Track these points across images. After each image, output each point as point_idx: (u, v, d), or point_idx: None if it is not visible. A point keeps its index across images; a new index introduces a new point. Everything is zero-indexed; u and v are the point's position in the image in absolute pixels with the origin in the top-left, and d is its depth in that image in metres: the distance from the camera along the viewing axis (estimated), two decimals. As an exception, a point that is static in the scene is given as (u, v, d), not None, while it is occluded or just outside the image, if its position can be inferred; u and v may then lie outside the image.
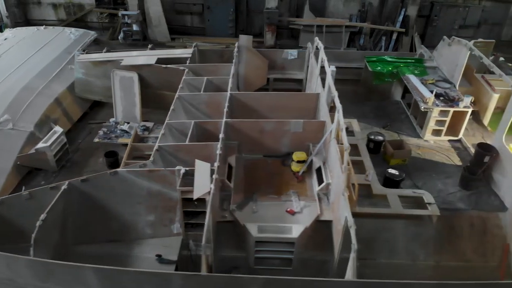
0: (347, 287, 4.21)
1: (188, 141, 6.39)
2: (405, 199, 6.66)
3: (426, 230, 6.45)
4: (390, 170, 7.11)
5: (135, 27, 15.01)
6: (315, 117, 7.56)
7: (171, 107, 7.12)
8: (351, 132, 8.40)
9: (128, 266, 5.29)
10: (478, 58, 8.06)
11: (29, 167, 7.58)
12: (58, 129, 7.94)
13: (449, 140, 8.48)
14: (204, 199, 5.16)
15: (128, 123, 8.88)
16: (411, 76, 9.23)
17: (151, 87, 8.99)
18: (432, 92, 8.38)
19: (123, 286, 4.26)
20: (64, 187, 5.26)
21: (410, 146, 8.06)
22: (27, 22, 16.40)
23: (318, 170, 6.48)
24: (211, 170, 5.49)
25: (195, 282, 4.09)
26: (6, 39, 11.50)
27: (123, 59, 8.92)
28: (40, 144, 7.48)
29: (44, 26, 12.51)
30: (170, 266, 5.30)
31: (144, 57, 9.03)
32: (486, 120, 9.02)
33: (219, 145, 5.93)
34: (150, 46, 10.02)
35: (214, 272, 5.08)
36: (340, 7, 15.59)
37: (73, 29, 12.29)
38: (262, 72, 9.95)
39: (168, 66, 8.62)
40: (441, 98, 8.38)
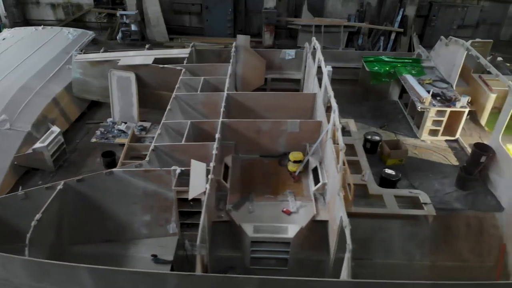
0: (341, 287, 4.22)
1: (184, 141, 6.38)
2: (401, 199, 6.66)
3: (422, 230, 6.45)
4: (386, 170, 7.11)
5: (134, 27, 15.03)
6: (312, 117, 7.55)
7: (167, 107, 7.12)
8: (348, 132, 8.40)
9: (124, 266, 5.29)
10: (475, 58, 8.06)
11: (26, 167, 7.58)
12: (56, 129, 7.94)
13: (446, 140, 8.46)
14: (200, 199, 5.16)
15: (126, 123, 8.87)
16: (408, 76, 9.22)
17: (149, 87, 8.99)
18: (429, 92, 8.37)
19: (118, 286, 4.27)
20: (59, 187, 5.27)
21: (407, 146, 8.05)
22: (25, 22, 16.40)
23: (315, 170, 6.48)
24: (207, 170, 5.49)
25: (189, 282, 4.10)
26: (4, 39, 11.48)
27: (120, 59, 8.93)
28: (37, 144, 7.48)
29: (42, 26, 12.48)
30: (166, 266, 5.30)
31: (141, 57, 9.03)
32: (484, 120, 9.01)
33: (215, 145, 5.92)
34: (147, 46, 10.02)
35: (210, 272, 5.09)
36: (338, 7, 15.59)
37: (71, 29, 12.26)
38: (260, 72, 9.94)
39: (165, 66, 8.61)
40: (438, 98, 8.38)
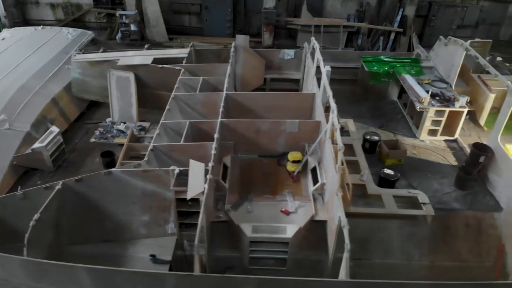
0: (340, 287, 4.22)
1: (183, 141, 6.38)
2: (400, 199, 6.66)
3: (421, 230, 6.45)
4: (385, 170, 7.12)
5: (133, 27, 15.02)
6: (311, 117, 7.55)
7: (166, 107, 7.12)
8: (347, 132, 8.39)
9: (122, 266, 5.29)
10: (474, 58, 8.06)
11: (25, 167, 7.58)
12: (55, 129, 7.95)
13: (445, 140, 8.47)
14: (198, 199, 5.16)
15: (125, 123, 8.88)
16: (407, 76, 9.22)
17: (148, 87, 8.99)
18: (428, 92, 8.37)
19: (116, 286, 4.27)
20: (58, 187, 5.27)
21: (406, 146, 8.05)
22: (25, 22, 16.39)
23: (313, 170, 6.48)
24: (205, 170, 5.49)
25: (188, 282, 4.09)
26: (3, 39, 11.48)
27: (119, 59, 8.93)
28: (36, 144, 7.48)
29: (41, 26, 12.48)
30: (164, 266, 5.31)
31: (140, 57, 9.03)
32: (483, 120, 9.02)
33: (213, 145, 5.93)
34: (146, 46, 10.03)
35: (208, 272, 5.09)
36: (338, 7, 15.59)
37: (70, 29, 12.26)
38: (259, 72, 9.94)
39: (164, 66, 8.61)
40: (437, 98, 8.38)
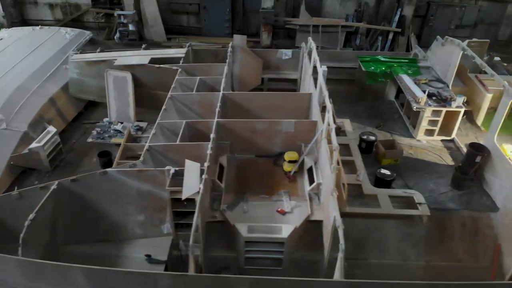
0: (334, 287, 4.22)
1: (179, 141, 6.38)
2: (396, 199, 6.66)
3: (417, 230, 6.45)
4: (381, 170, 7.12)
5: (131, 27, 15.05)
6: (308, 117, 7.56)
7: (163, 107, 7.12)
8: (343, 132, 8.39)
9: (118, 266, 5.30)
10: (471, 58, 8.06)
11: (22, 167, 7.60)
12: (52, 129, 7.95)
13: (442, 140, 8.47)
14: (194, 199, 5.15)
15: (122, 123, 8.88)
16: (404, 76, 9.22)
17: (145, 87, 9.00)
18: (424, 92, 8.38)
19: (111, 286, 4.27)
20: (53, 187, 5.27)
21: (403, 146, 8.06)
22: (23, 22, 16.42)
23: (310, 170, 6.49)
24: (201, 170, 5.49)
25: (182, 282, 4.09)
26: (1, 39, 11.49)
27: (116, 59, 8.93)
28: (33, 144, 7.50)
29: (40, 26, 12.50)
30: (160, 266, 5.31)
31: (138, 57, 9.04)
32: (480, 120, 9.03)
33: (209, 145, 5.92)
34: (144, 46, 10.03)
35: (204, 272, 5.09)
36: (336, 7, 15.60)
37: (68, 29, 12.29)
38: (257, 72, 9.94)
39: (161, 66, 8.61)
40: (433, 98, 8.38)
